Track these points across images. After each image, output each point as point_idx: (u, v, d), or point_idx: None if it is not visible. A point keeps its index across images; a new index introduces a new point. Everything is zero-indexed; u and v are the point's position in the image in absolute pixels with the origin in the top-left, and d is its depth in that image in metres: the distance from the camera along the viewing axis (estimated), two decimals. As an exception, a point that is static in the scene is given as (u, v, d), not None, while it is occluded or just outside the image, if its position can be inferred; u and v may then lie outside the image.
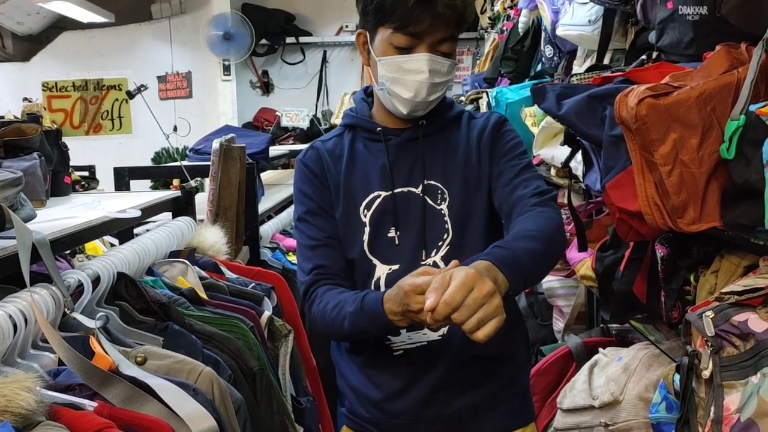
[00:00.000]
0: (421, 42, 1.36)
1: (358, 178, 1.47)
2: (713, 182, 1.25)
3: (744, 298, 1.02)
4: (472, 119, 1.54)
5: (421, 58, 1.36)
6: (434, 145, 1.48)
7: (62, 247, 1.32)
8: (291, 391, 1.66)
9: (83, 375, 1.01)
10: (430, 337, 1.40)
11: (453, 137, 1.50)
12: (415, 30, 1.34)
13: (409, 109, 1.42)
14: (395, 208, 1.43)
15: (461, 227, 1.43)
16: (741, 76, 1.22)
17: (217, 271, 1.77)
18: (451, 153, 1.48)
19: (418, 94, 1.39)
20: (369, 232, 1.44)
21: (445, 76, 1.41)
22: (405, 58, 1.37)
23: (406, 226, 1.43)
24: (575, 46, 2.51)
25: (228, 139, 2.39)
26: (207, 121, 6.12)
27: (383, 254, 1.44)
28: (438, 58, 1.38)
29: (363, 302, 1.30)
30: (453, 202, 1.44)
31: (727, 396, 1.00)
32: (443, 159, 1.47)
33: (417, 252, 1.42)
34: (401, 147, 1.47)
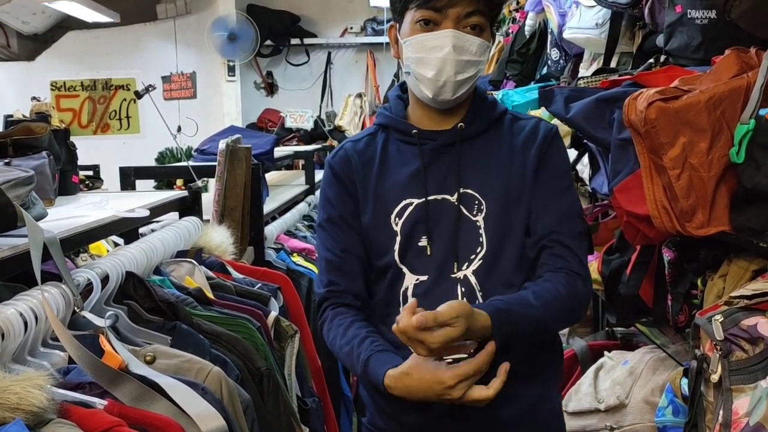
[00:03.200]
0: (446, 17, 1.29)
1: (390, 183, 1.39)
2: (722, 186, 1.25)
3: (753, 303, 1.02)
4: (517, 121, 1.43)
5: (446, 34, 1.29)
6: (473, 150, 1.38)
7: (72, 245, 1.32)
8: (297, 392, 1.67)
9: (93, 373, 1.01)
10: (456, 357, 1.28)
11: (494, 141, 1.40)
12: (438, 3, 1.28)
13: (434, 90, 1.33)
14: (428, 216, 1.35)
15: (497, 241, 1.34)
16: (751, 80, 1.23)
17: (223, 271, 1.77)
18: (492, 160, 1.38)
19: (441, 71, 1.30)
20: (400, 241, 1.36)
21: (475, 56, 1.31)
22: (429, 36, 1.30)
23: (439, 236, 1.35)
24: (582, 49, 2.51)
25: (234, 139, 2.39)
26: (211, 122, 6.13)
27: (413, 264, 1.36)
28: (464, 35, 1.30)
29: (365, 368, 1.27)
30: (490, 213, 1.35)
31: (735, 400, 1.00)
32: (482, 166, 1.37)
33: (448, 264, 1.34)
34: (437, 151, 1.38)
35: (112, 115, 6.77)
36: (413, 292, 1.34)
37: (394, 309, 1.35)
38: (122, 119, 6.77)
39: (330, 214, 1.41)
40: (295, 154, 4.49)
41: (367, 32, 6.78)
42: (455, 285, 1.33)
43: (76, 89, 6.74)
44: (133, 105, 6.69)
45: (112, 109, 6.77)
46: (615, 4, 2.00)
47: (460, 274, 1.34)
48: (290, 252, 2.90)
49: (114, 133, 6.75)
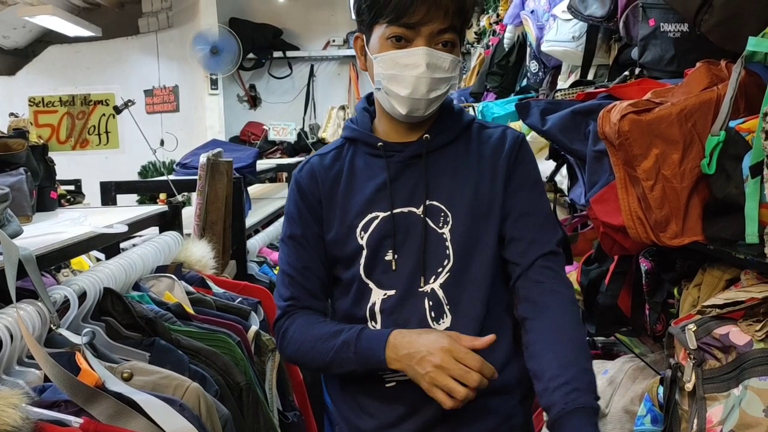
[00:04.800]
0: (418, 34, 1.26)
1: (356, 197, 1.37)
2: (695, 197, 1.27)
3: (725, 312, 1.04)
4: (484, 129, 1.40)
5: (418, 52, 1.26)
6: (440, 161, 1.36)
7: (49, 262, 1.31)
8: (278, 406, 1.66)
9: (69, 391, 1.00)
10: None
11: (461, 151, 1.37)
12: (410, 20, 1.24)
13: (408, 108, 1.30)
14: (394, 229, 1.33)
15: (464, 254, 1.32)
16: (721, 92, 1.25)
17: (203, 285, 1.76)
18: (459, 170, 1.36)
19: (415, 90, 1.27)
20: (366, 255, 1.34)
21: (447, 72, 1.29)
22: (401, 53, 1.27)
23: (405, 250, 1.33)
24: (560, 61, 2.54)
25: (215, 153, 2.39)
26: (194, 135, 6.11)
27: (379, 278, 1.34)
28: (437, 52, 1.27)
29: (357, 343, 1.26)
30: (457, 226, 1.32)
31: (709, 408, 1.01)
32: (449, 177, 1.35)
33: (414, 277, 1.32)
34: (404, 163, 1.36)
35: (90, 131, 6.74)
36: (380, 307, 1.32)
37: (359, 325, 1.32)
38: (101, 134, 6.74)
39: (293, 231, 1.39)
40: (278, 166, 4.50)
41: (349, 45, 6.80)
42: (423, 299, 1.31)
43: (55, 105, 6.71)
44: (112, 120, 6.67)
45: (91, 125, 6.74)
46: (591, 18, 2.03)
47: (428, 287, 1.31)
48: (273, 265, 2.90)
49: (93, 148, 6.71)
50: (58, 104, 6.71)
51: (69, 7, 6.15)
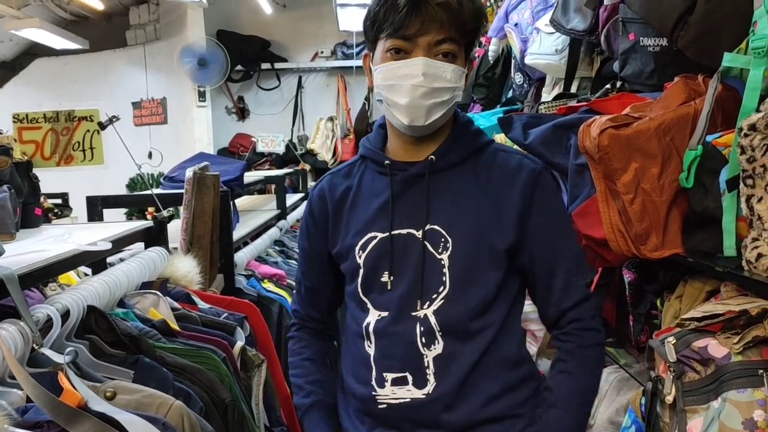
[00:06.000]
0: (416, 46, 1.27)
1: (360, 215, 1.38)
2: (674, 210, 1.28)
3: (703, 324, 1.05)
4: (499, 153, 1.36)
5: (416, 62, 1.27)
6: (445, 183, 1.34)
7: (32, 281, 1.31)
8: (265, 422, 1.66)
9: (51, 412, 1.00)
10: (414, 395, 1.30)
11: (469, 175, 1.34)
12: (407, 32, 1.26)
13: (408, 117, 1.29)
14: (392, 251, 1.33)
15: (461, 281, 1.30)
16: (698, 107, 1.27)
17: (189, 301, 1.76)
18: (464, 195, 1.33)
19: (413, 98, 1.28)
20: (362, 274, 1.35)
21: (448, 83, 1.28)
22: (399, 64, 1.28)
23: (402, 272, 1.32)
24: (544, 73, 2.56)
25: (201, 167, 2.39)
26: (182, 147, 6.10)
27: (375, 299, 1.35)
28: (436, 62, 1.27)
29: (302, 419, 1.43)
30: (456, 253, 1.30)
31: (690, 420, 1.02)
32: (454, 201, 1.33)
33: (409, 301, 1.31)
34: (408, 183, 1.35)
35: (75, 147, 6.71)
36: (374, 328, 1.33)
37: (359, 341, 1.36)
38: (86, 150, 6.72)
39: (303, 244, 1.48)
40: (267, 178, 4.49)
41: (337, 56, 6.83)
42: (415, 324, 1.30)
43: (39, 121, 6.68)
44: (96, 136, 6.64)
45: (76, 141, 6.72)
46: (573, 32, 2.05)
47: (421, 312, 1.30)
48: (261, 278, 2.89)
49: (78, 164, 6.69)
50: (42, 120, 6.69)
51: (56, 20, 6.14)
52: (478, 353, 1.29)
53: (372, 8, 1.30)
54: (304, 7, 6.80)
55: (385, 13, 1.27)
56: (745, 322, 1.04)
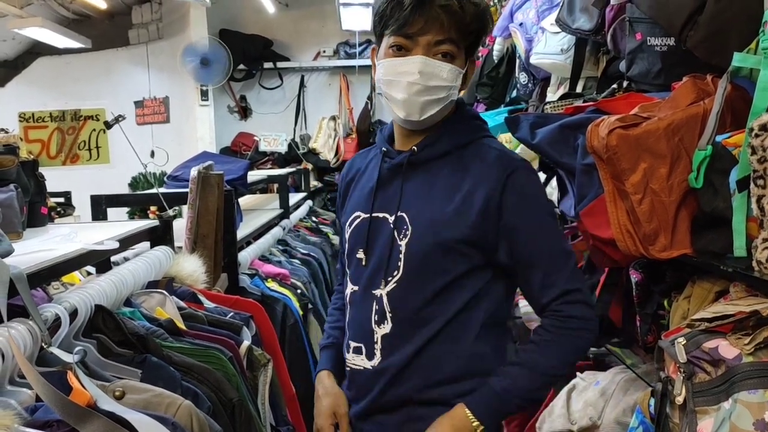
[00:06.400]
0: (417, 44, 1.35)
1: (356, 194, 1.53)
2: (683, 210, 1.28)
3: (714, 325, 1.05)
4: (486, 148, 1.42)
5: (414, 60, 1.34)
6: (423, 174, 1.42)
7: (39, 280, 1.31)
8: (271, 421, 1.65)
9: (61, 411, 1.00)
10: (365, 365, 1.44)
11: (448, 168, 1.41)
12: (409, 31, 1.34)
13: (404, 112, 1.38)
14: (368, 231, 1.45)
15: (414, 269, 1.38)
16: (707, 107, 1.27)
17: (195, 300, 1.76)
18: (437, 187, 1.40)
19: (408, 94, 1.35)
20: (347, 249, 1.50)
21: (444, 81, 1.35)
22: (399, 60, 1.36)
23: (373, 252, 1.44)
24: (549, 73, 2.56)
25: (206, 166, 2.39)
26: (185, 146, 6.10)
27: (352, 272, 1.49)
28: (434, 61, 1.35)
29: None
30: (413, 240, 1.39)
31: (700, 421, 1.02)
32: (425, 192, 1.41)
33: (373, 281, 1.43)
34: (393, 171, 1.45)
35: (81, 146, 6.71)
36: (349, 298, 1.50)
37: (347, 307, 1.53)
38: (92, 149, 6.72)
39: (337, 212, 1.66)
40: (269, 178, 4.49)
41: (339, 55, 6.82)
42: (372, 301, 1.42)
43: (45, 120, 6.68)
44: (102, 135, 6.65)
45: (82, 140, 6.71)
46: (579, 31, 2.05)
47: (378, 292, 1.41)
48: (265, 277, 2.89)
49: (83, 163, 6.68)
50: (49, 119, 6.69)
51: (58, 19, 6.14)
52: (423, 340, 1.38)
53: (381, 4, 1.38)
54: (307, 6, 6.79)
55: (392, 10, 1.35)
56: (756, 323, 1.03)
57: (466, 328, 1.39)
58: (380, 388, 1.42)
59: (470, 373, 1.39)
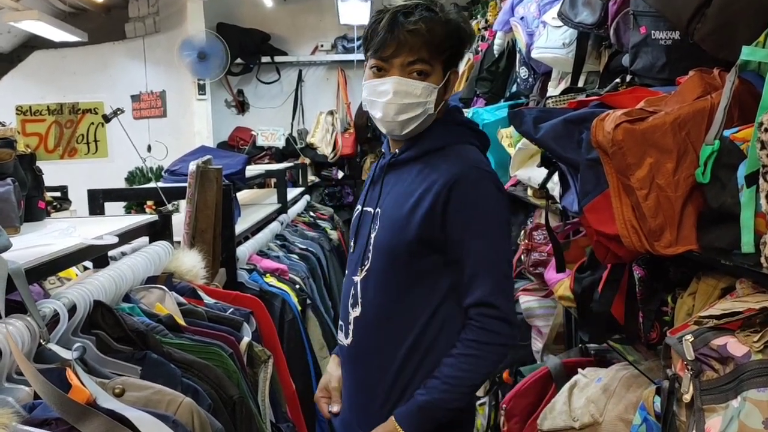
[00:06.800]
0: (392, 66, 1.49)
1: (364, 190, 1.71)
2: (689, 206, 1.27)
3: (722, 322, 1.04)
4: (448, 155, 1.53)
5: (389, 81, 1.49)
6: (398, 175, 1.58)
7: (37, 275, 1.29)
8: (271, 418, 1.64)
9: (59, 409, 0.98)
10: (343, 342, 1.64)
11: (416, 171, 1.55)
12: (384, 54, 1.49)
13: (385, 129, 1.56)
14: (358, 223, 1.64)
15: (378, 259, 1.54)
16: (714, 101, 1.25)
17: (194, 296, 1.74)
18: (403, 187, 1.55)
19: (386, 114, 1.51)
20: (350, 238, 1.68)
21: (418, 98, 1.50)
22: (377, 81, 1.51)
23: (357, 242, 1.61)
24: (550, 67, 2.54)
25: (204, 161, 2.37)
26: (182, 141, 6.07)
27: (348, 258, 1.67)
28: (407, 81, 1.49)
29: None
30: (379, 234, 1.55)
31: (708, 420, 1.00)
32: (395, 191, 1.56)
33: (355, 267, 1.59)
34: (381, 170, 1.63)
35: (79, 139, 6.67)
36: (344, 282, 1.68)
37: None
38: (90, 143, 6.67)
39: None
40: (267, 172, 4.47)
41: (337, 50, 6.80)
42: (351, 286, 1.60)
43: (42, 113, 6.63)
44: (101, 129, 6.60)
45: (80, 133, 6.67)
46: (581, 25, 2.03)
47: (356, 278, 1.58)
48: (263, 272, 2.88)
49: (81, 157, 6.64)
50: (46, 113, 6.64)
51: (55, 12, 6.10)
52: (379, 324, 1.54)
53: (365, 29, 1.54)
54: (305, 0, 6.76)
55: (370, 35, 1.51)
56: (764, 320, 1.02)
57: (411, 321, 1.52)
58: (351, 363, 1.62)
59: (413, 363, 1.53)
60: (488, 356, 1.48)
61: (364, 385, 1.60)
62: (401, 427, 1.48)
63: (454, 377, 1.47)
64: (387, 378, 1.54)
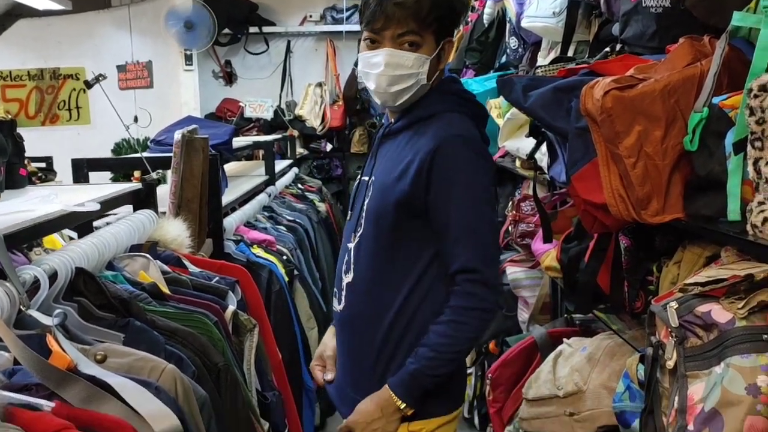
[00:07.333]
0: (383, 38, 1.52)
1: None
2: (676, 174, 1.26)
3: (707, 289, 1.04)
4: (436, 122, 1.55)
5: (380, 53, 1.52)
6: (390, 144, 1.62)
7: (17, 241, 1.27)
8: (256, 386, 1.64)
9: (40, 374, 0.97)
10: (337, 308, 1.67)
11: (406, 139, 1.58)
12: (375, 27, 1.52)
13: (379, 100, 1.60)
14: (356, 192, 1.68)
15: (369, 226, 1.58)
16: (704, 68, 1.24)
17: (179, 265, 1.73)
18: (394, 155, 1.59)
19: (379, 85, 1.54)
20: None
21: (411, 69, 1.52)
22: (370, 54, 1.54)
23: (354, 210, 1.66)
24: (540, 37, 2.52)
25: (190, 130, 2.34)
26: (169, 112, 5.99)
27: (345, 226, 1.71)
28: (399, 52, 1.51)
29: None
30: (370, 202, 1.59)
31: (691, 386, 1.01)
32: (387, 159, 1.60)
33: (350, 234, 1.64)
34: (378, 140, 1.68)
35: (60, 105, 6.57)
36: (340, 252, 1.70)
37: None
38: (72, 110, 6.57)
39: None
40: (255, 144, 4.43)
41: (326, 21, 6.70)
42: (345, 253, 1.64)
43: (23, 78, 6.52)
44: (83, 95, 6.50)
45: (61, 99, 6.56)
46: (572, -7, 2.01)
47: (350, 245, 1.63)
48: (250, 243, 2.86)
49: (63, 123, 6.54)
50: (27, 78, 6.53)
51: (38, -21, 5.97)
52: (368, 290, 1.57)
53: (360, 2, 1.56)
54: (293, -32, 6.66)
55: (364, 8, 1.54)
56: (749, 287, 1.02)
57: (395, 286, 1.55)
58: (343, 326, 1.65)
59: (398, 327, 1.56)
60: (471, 321, 1.50)
61: (355, 350, 1.63)
62: (396, 395, 1.51)
63: (439, 344, 1.50)
64: (375, 343, 1.58)
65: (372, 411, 1.52)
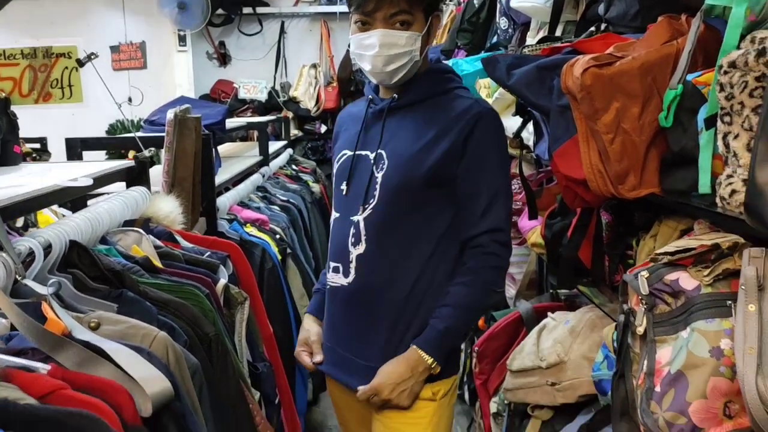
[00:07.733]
0: (375, 19, 1.54)
1: (345, 136, 1.74)
2: (652, 150, 1.30)
3: (676, 258, 1.08)
4: (458, 99, 1.61)
5: (374, 34, 1.54)
6: (401, 118, 1.63)
7: (11, 215, 1.31)
8: (248, 357, 1.69)
9: (35, 339, 1.01)
10: (341, 282, 1.65)
11: (425, 113, 1.61)
12: (365, 9, 1.54)
13: (375, 79, 1.64)
14: (352, 166, 1.66)
15: (387, 197, 1.59)
16: (680, 46, 1.27)
17: (172, 240, 1.76)
18: (411, 128, 1.61)
19: (375, 66, 1.57)
20: (334, 181, 1.71)
21: (403, 48, 1.55)
22: (362, 35, 1.57)
23: (354, 184, 1.65)
24: (529, 18, 2.54)
25: (183, 109, 2.36)
26: (162, 93, 5.99)
27: (335, 201, 1.69)
28: (391, 32, 1.54)
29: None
30: (388, 173, 1.59)
31: (659, 350, 1.05)
32: (404, 132, 1.61)
33: (352, 207, 1.63)
34: (376, 115, 1.67)
35: (53, 84, 6.57)
36: (331, 224, 1.71)
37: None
38: (64, 88, 6.57)
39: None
40: (249, 125, 4.45)
41: (320, 1, 6.69)
42: (350, 226, 1.63)
43: (16, 57, 6.51)
44: (75, 73, 6.49)
45: (54, 78, 6.57)
46: (559, -27, 2.03)
47: (356, 218, 1.62)
48: (243, 222, 2.89)
49: (56, 102, 6.55)
50: (20, 57, 6.52)
51: (30, -41, 5.95)
52: (386, 259, 1.59)
53: None
54: (287, -52, 6.63)
55: None
56: (716, 257, 1.07)
57: (416, 257, 1.59)
58: (353, 297, 1.63)
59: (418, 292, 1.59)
60: (492, 278, 1.60)
61: (369, 321, 1.63)
62: (428, 354, 1.55)
63: (465, 302, 1.57)
64: (393, 311, 1.60)
65: (402, 371, 1.55)
